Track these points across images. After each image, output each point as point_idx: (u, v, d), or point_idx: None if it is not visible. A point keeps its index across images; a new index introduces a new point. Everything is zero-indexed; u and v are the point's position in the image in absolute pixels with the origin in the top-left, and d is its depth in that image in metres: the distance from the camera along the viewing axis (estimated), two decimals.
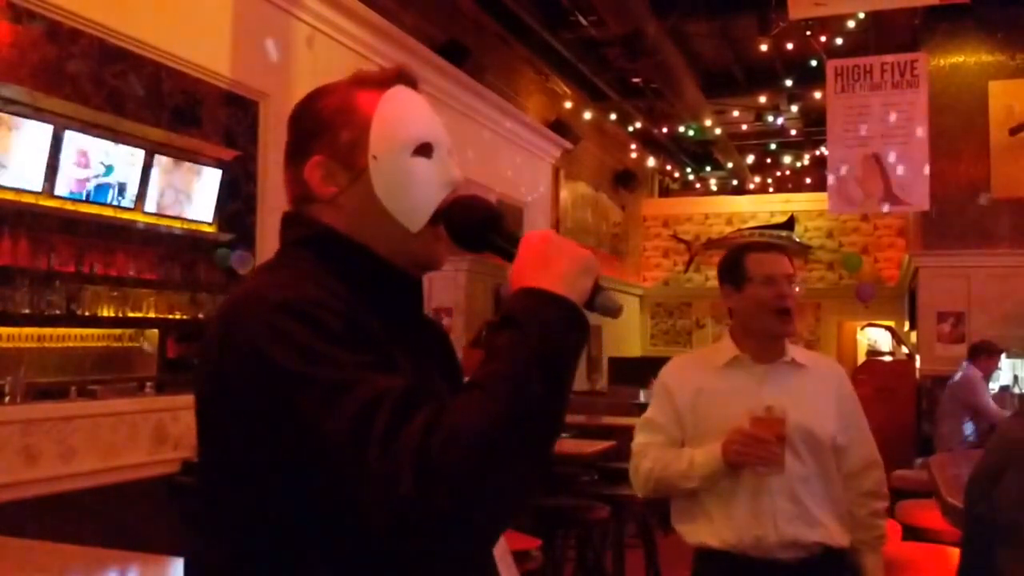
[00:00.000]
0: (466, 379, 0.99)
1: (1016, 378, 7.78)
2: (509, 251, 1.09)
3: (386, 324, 1.05)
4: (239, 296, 1.03)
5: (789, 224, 12.62)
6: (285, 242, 1.15)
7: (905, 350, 9.58)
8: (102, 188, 6.15)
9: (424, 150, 1.13)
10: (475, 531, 0.92)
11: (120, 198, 6.29)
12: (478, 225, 1.12)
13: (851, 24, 7.83)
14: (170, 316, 6.75)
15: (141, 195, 6.47)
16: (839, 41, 8.06)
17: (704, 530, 2.21)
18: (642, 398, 8.10)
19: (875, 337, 11.81)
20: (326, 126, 1.13)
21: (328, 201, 1.12)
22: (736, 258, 2.30)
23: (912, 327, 9.29)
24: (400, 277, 1.14)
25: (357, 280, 1.08)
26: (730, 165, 13.13)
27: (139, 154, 6.37)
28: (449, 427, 0.89)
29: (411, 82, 1.18)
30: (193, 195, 6.90)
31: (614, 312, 1.09)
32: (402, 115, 1.14)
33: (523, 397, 0.92)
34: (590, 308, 1.06)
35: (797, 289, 2.27)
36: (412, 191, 1.11)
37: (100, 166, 6.10)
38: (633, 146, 12.26)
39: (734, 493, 2.16)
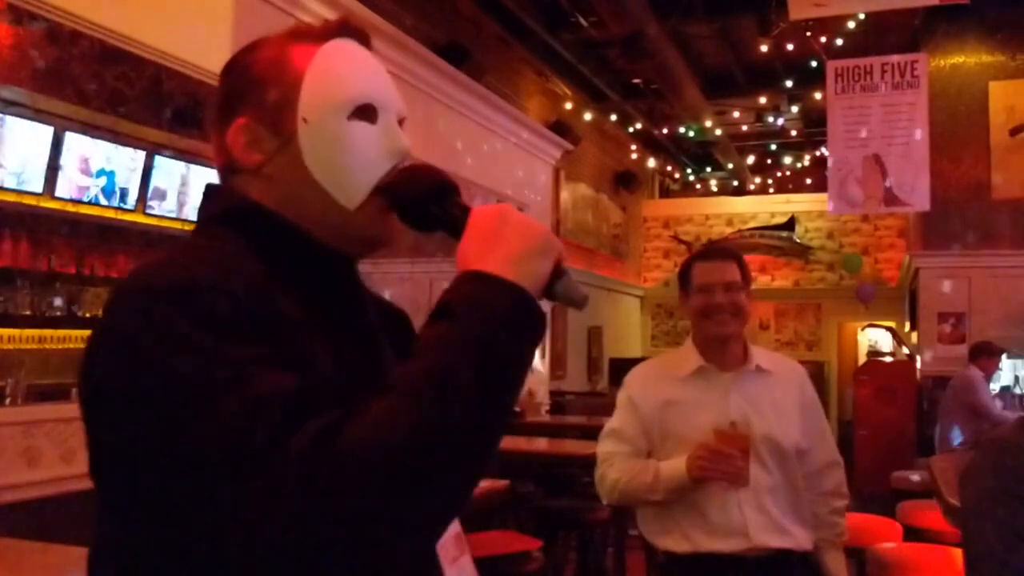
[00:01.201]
0: None
1: (1017, 378, 7.78)
2: (461, 230, 0.92)
3: (308, 312, 0.90)
4: (126, 279, 0.89)
5: (789, 225, 12.62)
6: (200, 218, 1.00)
7: (906, 351, 9.58)
8: (103, 190, 6.15)
9: (365, 113, 0.96)
10: (371, 563, 0.74)
11: (121, 200, 6.29)
12: (423, 198, 0.95)
13: (851, 25, 7.83)
14: None
15: (142, 197, 6.46)
16: (839, 42, 8.06)
17: (673, 538, 2.22)
18: None
19: (876, 338, 11.81)
20: (254, 83, 0.97)
21: (253, 171, 0.96)
22: (687, 266, 2.36)
23: (913, 328, 9.29)
24: (328, 257, 0.97)
25: (279, 260, 0.92)
26: (730, 166, 13.14)
27: (140, 155, 6.36)
28: (348, 438, 0.73)
29: (358, 35, 1.02)
30: (194, 196, 6.90)
31: (578, 302, 0.91)
32: (339, 71, 0.97)
33: (447, 404, 0.75)
34: (550, 297, 0.89)
35: (744, 295, 2.27)
36: (347, 160, 0.94)
37: (101, 167, 6.10)
38: (633, 147, 12.26)
39: (703, 505, 2.17)
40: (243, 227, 0.94)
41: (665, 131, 11.49)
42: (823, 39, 8.09)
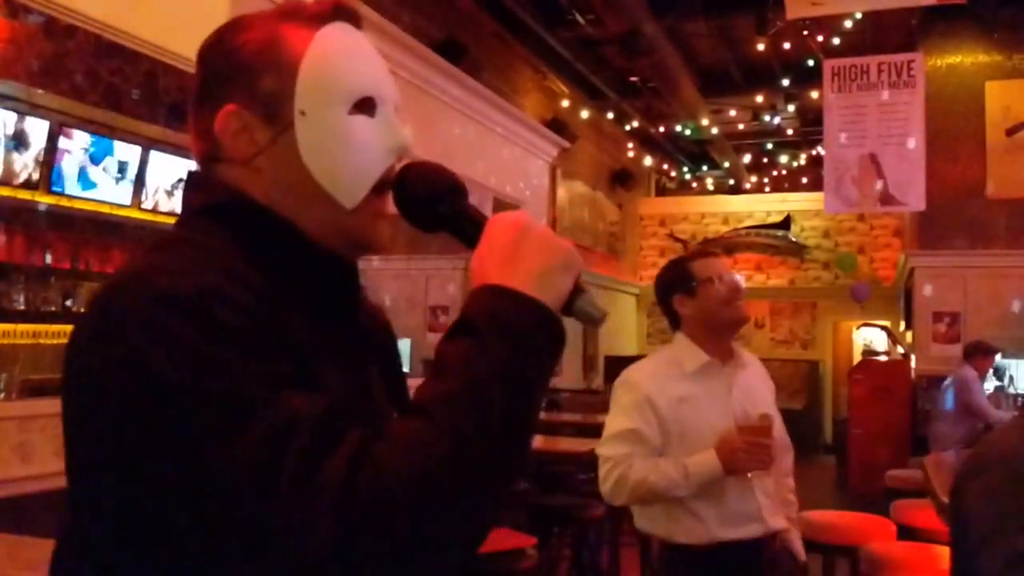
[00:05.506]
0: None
1: (1012, 378, 7.79)
2: (470, 235, 0.88)
3: (311, 321, 0.84)
4: (119, 279, 0.80)
5: (785, 224, 12.63)
6: (187, 210, 0.92)
7: (901, 350, 9.60)
8: (98, 184, 6.13)
9: (365, 106, 0.90)
10: None
11: (116, 195, 6.28)
12: (432, 198, 0.89)
13: (848, 24, 7.85)
14: None
15: (137, 192, 6.45)
16: (836, 41, 8.07)
17: (689, 530, 2.26)
18: None
19: (871, 337, 11.82)
20: (244, 68, 0.89)
21: (242, 162, 0.89)
22: (682, 268, 2.43)
23: (908, 327, 9.31)
24: (331, 262, 0.91)
25: (276, 264, 0.86)
26: (727, 164, 13.15)
27: (136, 150, 6.35)
28: (382, 462, 0.70)
29: (353, 18, 0.94)
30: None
31: (596, 320, 0.87)
32: (339, 61, 0.90)
33: (478, 425, 0.73)
34: (567, 313, 0.85)
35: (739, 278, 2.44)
36: (347, 157, 0.88)
37: (97, 162, 6.09)
38: (630, 145, 12.26)
39: (723, 495, 2.24)
40: (234, 223, 0.87)
41: (662, 129, 11.49)
42: (820, 38, 8.10)
